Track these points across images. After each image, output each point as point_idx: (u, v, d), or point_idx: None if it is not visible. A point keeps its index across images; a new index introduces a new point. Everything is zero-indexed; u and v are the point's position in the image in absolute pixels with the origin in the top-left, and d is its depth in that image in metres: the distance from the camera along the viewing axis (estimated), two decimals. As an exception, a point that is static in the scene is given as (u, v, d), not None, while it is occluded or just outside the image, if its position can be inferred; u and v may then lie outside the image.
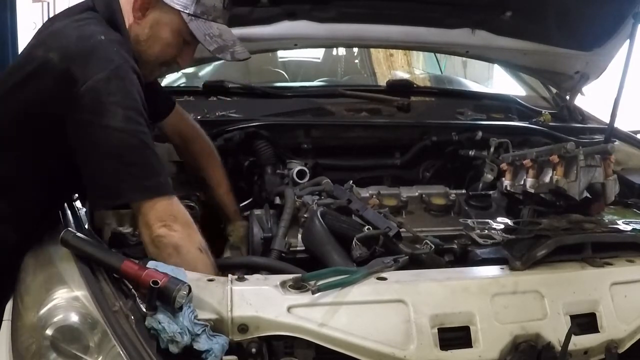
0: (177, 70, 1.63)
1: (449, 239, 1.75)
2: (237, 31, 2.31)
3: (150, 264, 1.29)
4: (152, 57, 1.57)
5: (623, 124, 2.48)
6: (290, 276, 1.37)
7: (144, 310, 1.23)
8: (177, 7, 1.51)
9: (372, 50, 3.61)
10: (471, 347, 1.33)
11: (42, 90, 1.38)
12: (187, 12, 1.51)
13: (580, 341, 1.37)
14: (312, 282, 1.32)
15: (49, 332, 1.23)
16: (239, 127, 2.21)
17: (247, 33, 2.33)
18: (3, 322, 1.34)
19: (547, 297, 1.40)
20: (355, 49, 3.68)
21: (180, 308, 1.22)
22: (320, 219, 1.64)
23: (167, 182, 1.42)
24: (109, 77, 1.34)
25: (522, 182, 1.82)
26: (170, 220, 1.40)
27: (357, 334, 1.28)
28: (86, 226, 1.54)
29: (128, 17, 1.53)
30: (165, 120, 1.91)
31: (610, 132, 2.19)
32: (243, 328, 1.26)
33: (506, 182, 1.90)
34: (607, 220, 1.76)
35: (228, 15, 1.61)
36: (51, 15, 6.39)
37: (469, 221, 1.74)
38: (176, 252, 1.40)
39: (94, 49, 1.39)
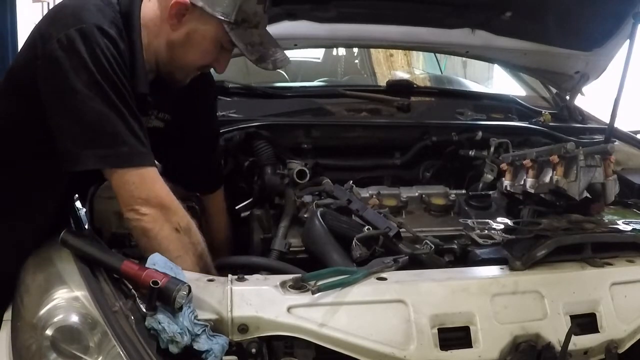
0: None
1: (449, 239, 1.75)
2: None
3: (150, 264, 1.29)
4: (187, 63, 1.52)
5: (623, 124, 2.48)
6: (290, 276, 1.37)
7: (144, 310, 1.23)
8: (218, 15, 1.43)
9: (372, 50, 3.61)
10: (471, 347, 1.33)
11: (28, 57, 1.34)
12: (229, 20, 1.43)
13: (580, 341, 1.37)
14: (312, 282, 1.32)
15: (49, 332, 1.23)
16: (239, 127, 2.21)
17: (247, 33, 2.32)
18: (3, 322, 1.34)
19: (547, 297, 1.40)
20: (355, 49, 3.68)
21: (180, 308, 1.22)
22: (320, 219, 1.64)
23: (136, 152, 1.33)
24: (73, 37, 1.27)
25: (522, 182, 1.82)
26: (138, 203, 1.34)
27: (357, 334, 1.28)
28: (86, 226, 1.54)
29: (156, 21, 1.46)
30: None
31: (610, 132, 2.19)
32: (243, 328, 1.26)
33: (506, 182, 1.90)
34: (607, 220, 1.76)
35: (267, 17, 1.55)
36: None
37: (469, 221, 1.74)
38: (144, 235, 1.37)
39: (66, 7, 1.34)
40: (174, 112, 1.66)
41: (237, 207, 2.13)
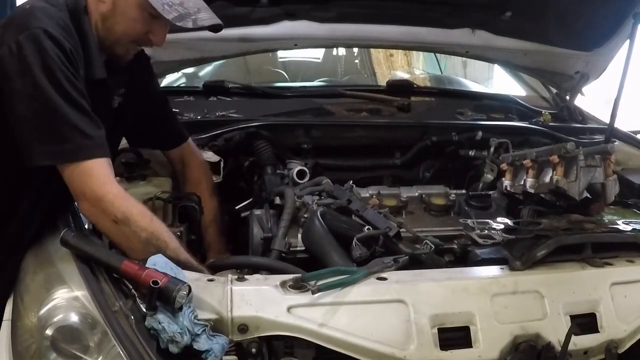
0: (151, 46, 1.65)
1: (449, 239, 1.75)
2: (237, 31, 2.33)
3: (150, 264, 1.29)
4: (120, 34, 1.55)
5: (623, 124, 2.48)
6: (290, 276, 1.37)
7: (144, 310, 1.23)
8: None
9: (372, 50, 3.61)
10: (471, 347, 1.33)
11: None
12: None
13: (580, 341, 1.37)
14: (312, 282, 1.33)
15: (49, 332, 1.23)
16: (239, 127, 2.21)
17: (247, 33, 2.33)
18: (3, 322, 1.34)
19: (547, 297, 1.40)
20: (355, 49, 3.68)
21: (180, 308, 1.22)
22: (320, 219, 1.64)
23: (78, 148, 1.39)
24: (21, 43, 1.35)
25: (522, 182, 1.82)
26: (79, 198, 1.42)
27: (357, 334, 1.28)
28: (86, 226, 1.54)
29: (91, 2, 1.53)
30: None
31: (610, 132, 2.19)
32: (243, 328, 1.26)
33: (506, 182, 1.90)
34: (607, 220, 1.76)
35: None
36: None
37: (469, 221, 1.74)
38: (95, 225, 1.45)
39: (16, 16, 1.44)
40: (125, 88, 1.75)
41: (237, 207, 2.13)
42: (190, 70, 3.04)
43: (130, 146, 1.96)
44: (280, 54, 3.47)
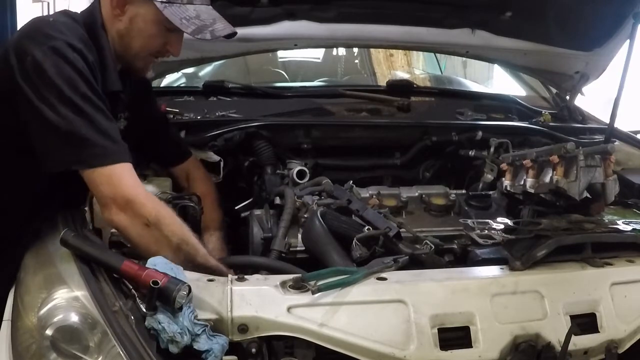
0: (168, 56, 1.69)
1: (449, 239, 1.75)
2: (237, 31, 2.33)
3: (150, 264, 1.29)
4: (138, 50, 1.59)
5: (623, 124, 2.48)
6: (290, 276, 1.37)
7: (144, 310, 1.23)
8: None
9: (372, 50, 3.61)
10: (471, 347, 1.33)
11: (2, 68, 1.44)
12: (160, 0, 1.53)
13: (580, 341, 1.37)
14: (312, 282, 1.32)
15: (49, 332, 1.23)
16: (239, 127, 2.21)
17: (247, 33, 2.33)
18: (3, 322, 1.34)
19: (547, 297, 1.40)
20: (355, 49, 3.68)
21: (180, 308, 1.22)
22: (320, 219, 1.64)
23: (103, 153, 1.41)
24: (46, 54, 1.39)
25: (522, 182, 1.82)
26: (108, 202, 1.41)
27: (357, 334, 1.28)
28: (87, 226, 1.54)
29: (108, 16, 1.56)
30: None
31: (610, 132, 2.19)
32: (243, 328, 1.26)
33: (506, 182, 1.90)
34: (607, 220, 1.76)
35: None
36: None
37: (469, 221, 1.73)
38: (121, 233, 1.45)
39: (37, 28, 1.46)
40: (129, 111, 1.78)
41: (237, 207, 2.13)
42: (190, 70, 3.04)
43: None
44: (280, 54, 3.47)
